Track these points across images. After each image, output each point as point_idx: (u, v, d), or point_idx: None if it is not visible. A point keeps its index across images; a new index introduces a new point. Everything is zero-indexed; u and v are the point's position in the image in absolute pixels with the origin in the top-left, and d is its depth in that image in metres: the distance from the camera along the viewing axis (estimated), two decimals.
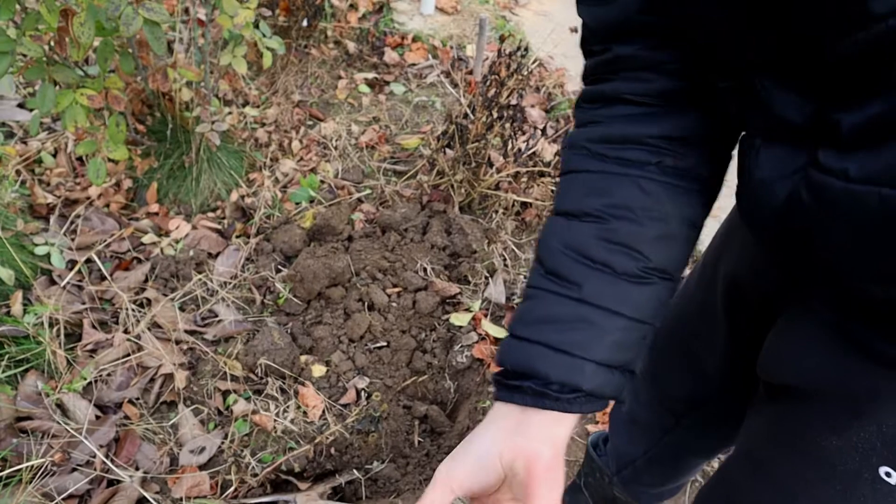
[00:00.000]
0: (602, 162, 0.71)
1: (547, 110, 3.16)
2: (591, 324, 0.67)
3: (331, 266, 2.12)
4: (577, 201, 0.72)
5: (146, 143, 2.45)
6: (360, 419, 1.89)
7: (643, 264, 0.69)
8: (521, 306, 0.74)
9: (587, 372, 0.67)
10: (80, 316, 2.03)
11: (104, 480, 1.72)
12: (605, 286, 0.68)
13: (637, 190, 0.70)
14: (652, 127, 0.70)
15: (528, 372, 0.67)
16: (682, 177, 0.71)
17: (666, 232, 0.70)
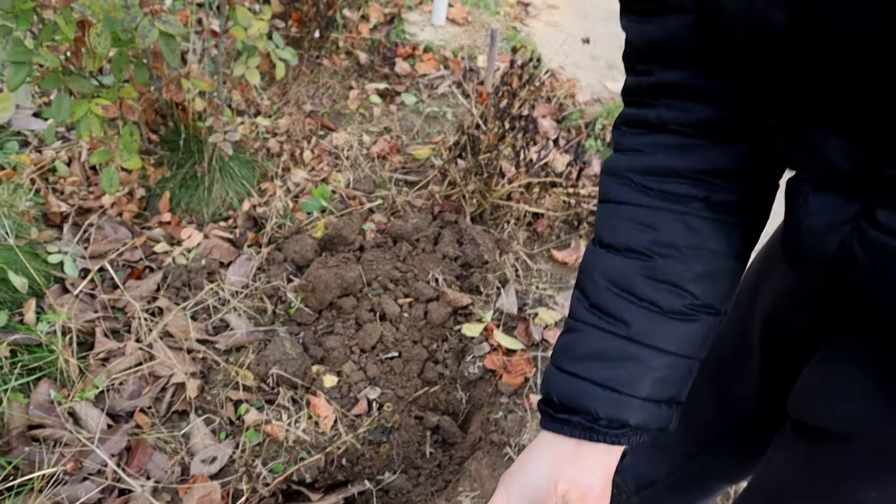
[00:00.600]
0: (646, 195, 0.70)
1: (558, 121, 3.16)
2: (639, 361, 0.68)
3: (342, 276, 2.12)
4: (620, 236, 0.71)
5: (159, 153, 2.46)
6: (372, 430, 1.89)
7: (689, 301, 0.69)
8: (565, 337, 0.74)
9: (634, 408, 0.68)
10: (93, 324, 2.03)
11: (115, 490, 1.72)
12: (652, 324, 0.68)
13: (682, 226, 0.69)
14: (697, 160, 0.68)
15: (577, 407, 0.69)
16: (729, 212, 0.70)
17: (712, 269, 0.70)
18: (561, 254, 2.42)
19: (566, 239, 2.50)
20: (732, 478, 1.26)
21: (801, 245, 0.65)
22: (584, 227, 2.52)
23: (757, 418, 1.05)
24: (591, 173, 2.78)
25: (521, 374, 2.02)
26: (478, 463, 1.83)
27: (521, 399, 1.97)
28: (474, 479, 1.80)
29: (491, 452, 1.86)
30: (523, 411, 1.94)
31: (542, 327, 2.13)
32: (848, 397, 0.71)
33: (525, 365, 2.04)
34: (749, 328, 0.99)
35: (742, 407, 1.06)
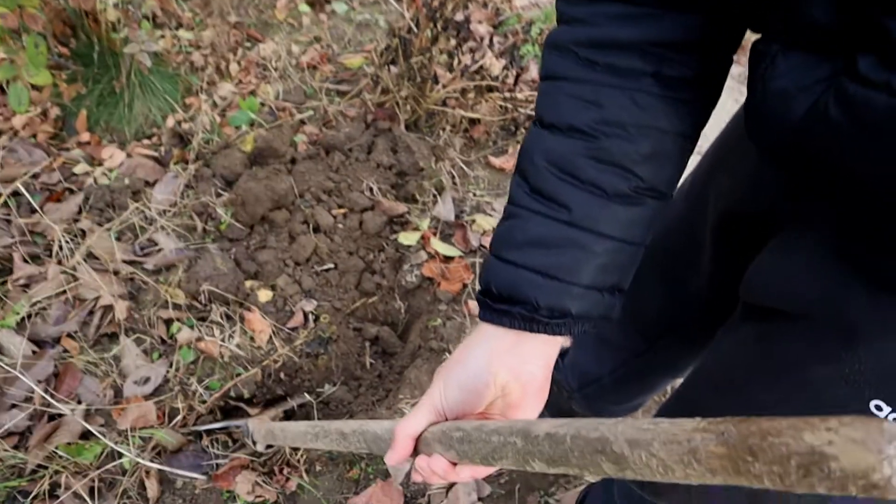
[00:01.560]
0: (591, 70, 0.65)
1: (495, 26, 3.06)
2: (581, 247, 0.65)
3: (273, 188, 2.04)
4: (563, 114, 0.66)
5: (72, 68, 2.31)
6: (309, 342, 1.86)
7: (635, 184, 0.65)
8: (504, 225, 0.70)
9: (575, 296, 0.65)
10: (10, 250, 1.93)
11: (45, 416, 1.67)
12: (595, 208, 0.65)
13: (631, 104, 0.64)
14: (648, 30, 0.63)
15: (516, 297, 0.66)
16: (681, 88, 0.65)
17: (660, 149, 0.66)
18: (498, 160, 2.37)
19: (503, 145, 2.45)
20: (677, 373, 1.26)
21: (766, 111, 0.61)
22: (522, 132, 2.47)
23: (706, 310, 1.03)
24: (529, 78, 2.71)
25: (460, 280, 2.00)
26: (417, 370, 1.82)
27: (459, 305, 1.96)
28: (415, 386, 1.79)
29: (430, 359, 1.85)
30: (462, 317, 1.93)
31: (479, 234, 2.11)
32: (804, 277, 0.69)
33: (463, 271, 2.02)
34: (701, 218, 0.96)
35: (692, 299, 1.05)
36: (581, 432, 0.51)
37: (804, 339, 0.70)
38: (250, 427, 1.61)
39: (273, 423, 1.49)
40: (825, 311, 0.67)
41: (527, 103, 2.48)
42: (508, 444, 0.59)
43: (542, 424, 0.56)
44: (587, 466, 0.50)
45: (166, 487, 1.61)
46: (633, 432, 0.45)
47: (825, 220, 0.68)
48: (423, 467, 0.70)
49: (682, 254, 1.03)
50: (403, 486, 1.63)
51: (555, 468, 0.55)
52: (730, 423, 0.37)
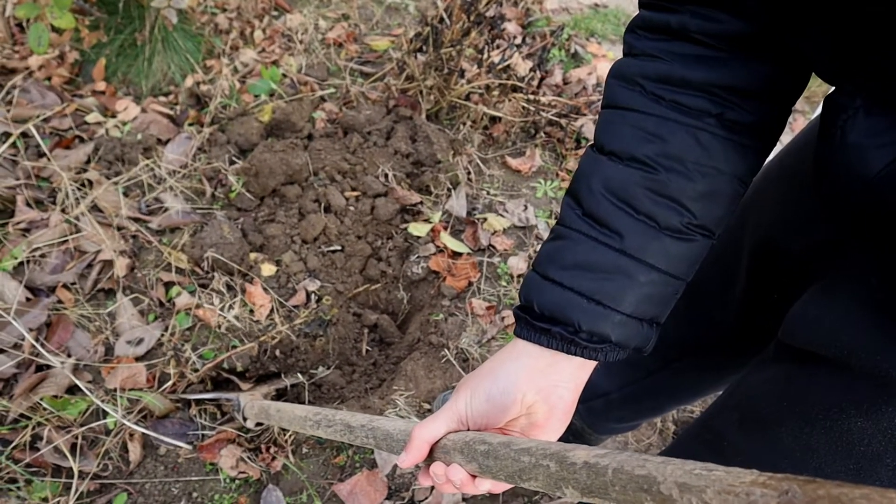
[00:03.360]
0: (657, 104, 0.65)
1: (524, 26, 3.04)
2: (628, 276, 0.65)
3: (288, 162, 2.01)
4: (626, 144, 0.66)
5: (95, 15, 2.26)
6: (309, 322, 1.83)
7: (688, 220, 0.65)
8: (553, 244, 0.70)
9: (617, 323, 0.66)
10: (13, 192, 1.89)
11: (33, 365, 1.64)
12: (647, 239, 0.65)
13: (693, 141, 0.64)
14: (718, 74, 0.63)
15: (559, 317, 0.66)
16: (742, 132, 0.65)
17: (716, 189, 0.66)
18: (515, 161, 2.35)
19: (522, 146, 2.43)
20: (685, 398, 1.24)
21: (840, 162, 0.60)
22: (541, 136, 2.45)
23: (729, 340, 1.02)
24: (553, 83, 2.69)
25: (466, 277, 1.98)
26: (414, 363, 1.80)
27: (463, 303, 1.94)
28: (410, 378, 1.77)
29: (428, 354, 1.83)
30: (464, 315, 1.91)
31: (489, 233, 2.08)
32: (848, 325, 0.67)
33: (470, 269, 1.99)
34: (734, 248, 0.95)
35: (715, 327, 1.03)
36: (625, 466, 0.49)
37: (843, 387, 0.68)
38: (241, 402, 1.58)
39: (267, 402, 1.46)
40: (869, 363, 0.65)
41: (549, 108, 2.46)
42: (540, 466, 0.58)
43: (579, 452, 0.55)
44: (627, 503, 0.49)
45: (149, 453, 1.58)
46: (684, 475, 0.43)
47: (875, 270, 0.66)
48: (440, 475, 0.69)
49: (711, 283, 1.01)
50: (388, 478, 1.61)
51: (589, 498, 0.53)
52: (794, 483, 0.35)
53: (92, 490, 1.50)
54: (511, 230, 2.13)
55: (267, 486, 1.56)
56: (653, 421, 1.83)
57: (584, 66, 2.81)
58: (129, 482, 1.53)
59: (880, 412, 0.64)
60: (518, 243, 2.10)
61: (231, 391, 1.70)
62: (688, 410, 1.87)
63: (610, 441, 1.78)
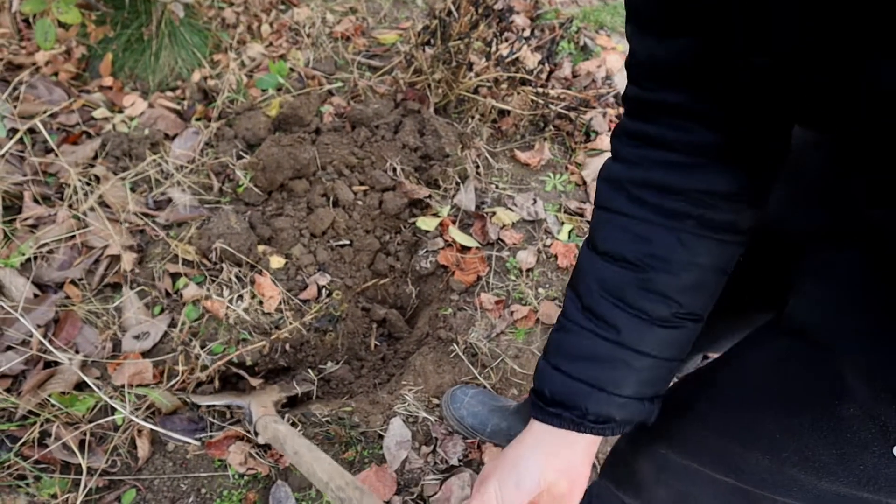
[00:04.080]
0: (642, 208, 0.71)
1: (533, 18, 3.01)
2: (626, 364, 0.73)
3: (296, 157, 2.00)
4: (616, 245, 0.73)
5: (102, 10, 2.25)
6: (320, 317, 1.82)
7: (676, 310, 0.72)
8: (559, 336, 0.79)
9: (620, 405, 0.74)
10: (21, 188, 1.89)
11: (41, 361, 1.63)
12: (640, 331, 0.73)
13: (675, 241, 0.71)
14: (695, 180, 0.69)
15: (568, 403, 0.75)
16: (722, 230, 0.71)
17: (700, 281, 0.73)
18: (524, 154, 2.33)
19: (530, 140, 2.41)
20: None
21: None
22: (550, 129, 2.43)
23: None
24: (562, 75, 2.67)
25: (474, 272, 1.96)
26: (423, 358, 1.79)
27: (471, 297, 1.92)
28: (418, 373, 1.76)
29: (437, 348, 1.82)
30: (473, 310, 1.89)
31: (498, 227, 2.07)
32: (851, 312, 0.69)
33: (479, 263, 1.98)
34: None
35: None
36: None
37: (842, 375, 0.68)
38: (253, 414, 1.56)
39: (283, 431, 1.45)
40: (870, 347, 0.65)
41: (558, 101, 2.44)
42: None
43: None
44: None
45: (157, 449, 1.58)
46: None
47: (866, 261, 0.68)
48: None
49: None
50: (397, 474, 1.60)
51: None
52: None
53: (101, 486, 1.50)
54: (520, 224, 2.11)
55: (276, 482, 1.55)
56: None
57: (593, 58, 2.78)
58: (137, 478, 1.53)
59: (877, 398, 0.64)
60: (527, 237, 2.08)
61: (241, 390, 1.69)
62: None
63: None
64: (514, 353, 1.82)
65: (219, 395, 1.69)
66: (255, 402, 1.60)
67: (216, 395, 1.69)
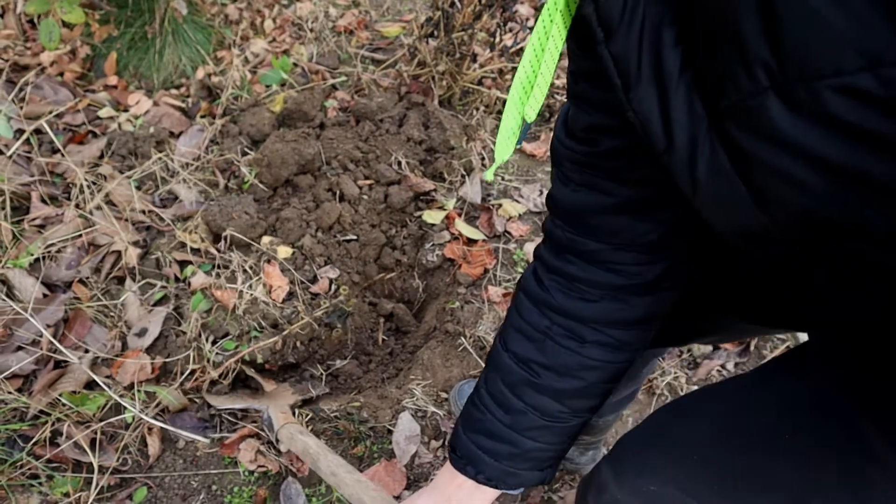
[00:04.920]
0: (548, 321, 0.84)
1: (537, 7, 2.99)
2: (516, 445, 0.89)
3: (301, 152, 2.00)
4: (519, 349, 0.87)
5: (105, 9, 2.26)
6: (330, 312, 1.82)
7: (562, 410, 0.86)
8: (469, 407, 0.95)
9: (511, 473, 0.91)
10: (28, 189, 1.90)
11: (51, 361, 1.64)
12: (530, 422, 0.87)
13: (571, 360, 0.83)
14: (600, 313, 0.81)
15: (471, 463, 0.92)
16: (616, 351, 0.83)
17: (586, 390, 0.85)
18: (530, 146, 2.32)
19: (536, 131, 2.40)
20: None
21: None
22: (555, 119, 2.41)
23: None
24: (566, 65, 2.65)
25: (481, 264, 1.96)
26: (431, 352, 1.79)
27: (479, 290, 1.92)
28: (426, 368, 1.76)
29: (445, 342, 1.82)
30: (481, 302, 1.89)
31: (505, 219, 2.06)
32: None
33: (485, 256, 1.97)
34: None
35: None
36: None
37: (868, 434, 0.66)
38: (273, 420, 1.53)
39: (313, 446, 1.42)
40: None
41: (563, 90, 2.42)
42: None
43: None
44: None
45: (168, 446, 1.59)
46: None
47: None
48: None
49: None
50: (407, 468, 1.60)
51: None
52: None
53: (112, 484, 1.51)
54: (527, 216, 2.11)
55: (286, 479, 1.55)
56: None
57: None
58: (148, 476, 1.54)
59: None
60: (534, 229, 2.07)
61: (253, 390, 1.68)
62: None
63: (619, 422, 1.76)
64: None
65: (234, 396, 1.68)
66: (273, 407, 1.58)
67: (231, 396, 1.68)
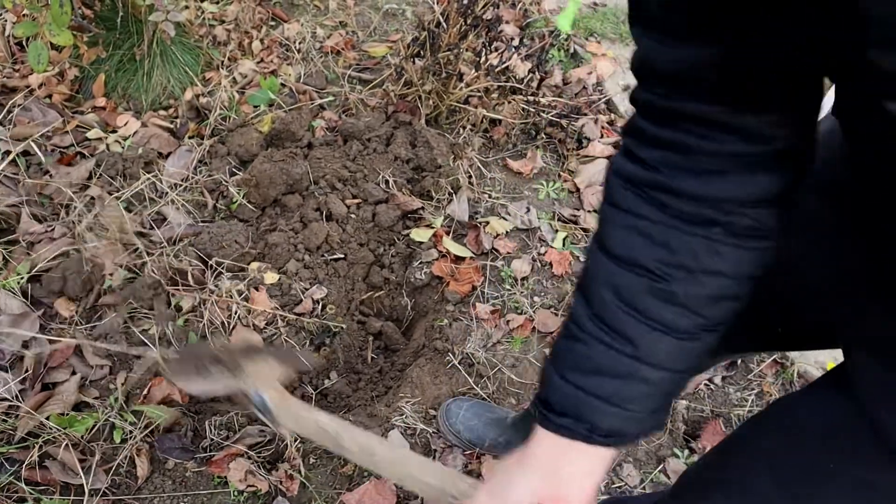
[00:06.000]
0: (660, 212, 0.65)
1: (522, 27, 3.03)
2: (643, 380, 0.67)
3: (288, 172, 2.01)
4: (630, 250, 0.66)
5: (94, 31, 2.27)
6: (318, 333, 1.82)
7: (699, 323, 0.66)
8: (568, 344, 0.71)
9: (634, 420, 0.69)
10: (16, 210, 1.90)
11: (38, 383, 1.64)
12: (658, 345, 0.66)
13: (698, 249, 0.64)
14: (720, 187, 0.62)
15: (579, 417, 0.69)
16: (747, 237, 0.64)
17: (725, 292, 0.66)
18: (516, 163, 2.34)
19: (522, 148, 2.42)
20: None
21: None
22: (542, 137, 2.44)
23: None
24: (552, 83, 2.68)
25: (469, 282, 1.97)
26: (420, 370, 1.79)
27: (467, 308, 1.93)
28: (416, 385, 1.77)
29: (434, 360, 1.82)
30: (469, 320, 1.90)
31: (492, 236, 2.08)
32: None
33: (473, 273, 1.99)
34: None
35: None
36: None
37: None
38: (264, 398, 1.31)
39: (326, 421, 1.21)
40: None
41: (549, 108, 2.45)
42: None
43: None
44: None
45: (156, 467, 1.58)
46: None
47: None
48: None
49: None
50: (397, 487, 1.60)
51: None
52: None
53: None
54: (514, 233, 2.12)
55: (276, 498, 1.55)
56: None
57: (583, 65, 2.80)
58: (137, 497, 1.53)
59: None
60: (521, 246, 2.09)
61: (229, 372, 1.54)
62: (697, 410, 1.85)
63: None
64: (510, 363, 1.83)
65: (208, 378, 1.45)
66: (262, 385, 1.34)
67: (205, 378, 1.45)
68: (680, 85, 0.60)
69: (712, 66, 0.56)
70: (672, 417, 1.82)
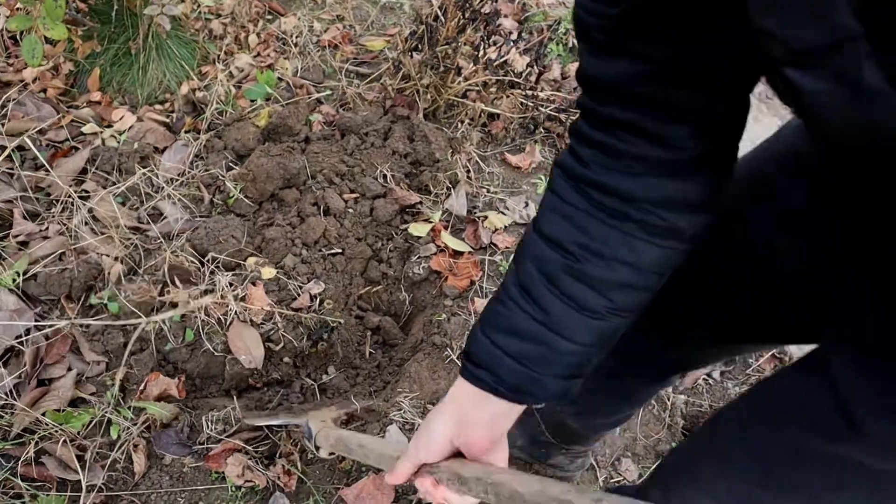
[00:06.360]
0: (586, 202, 0.74)
1: (520, 21, 3.01)
2: (549, 346, 0.77)
3: (285, 166, 2.00)
4: (556, 231, 0.76)
5: (88, 24, 2.25)
6: (317, 328, 1.81)
7: (605, 305, 0.75)
8: (494, 306, 0.82)
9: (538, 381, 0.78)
10: (11, 206, 1.89)
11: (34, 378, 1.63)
12: (567, 316, 0.76)
13: (613, 240, 0.73)
14: (640, 188, 0.71)
15: (491, 370, 0.79)
16: (662, 237, 0.74)
17: (633, 281, 0.75)
18: (515, 157, 2.33)
19: (521, 143, 2.41)
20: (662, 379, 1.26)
21: None
22: (540, 131, 2.44)
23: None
24: (551, 77, 2.67)
25: (468, 276, 1.96)
26: (418, 364, 1.79)
27: (465, 302, 1.92)
28: (414, 380, 1.76)
29: (432, 354, 1.82)
30: (467, 315, 1.89)
31: (491, 231, 2.07)
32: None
33: (472, 268, 1.98)
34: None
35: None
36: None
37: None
38: (312, 429, 1.44)
39: (346, 433, 1.34)
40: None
41: (548, 102, 2.44)
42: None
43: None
44: None
45: (154, 463, 1.57)
46: None
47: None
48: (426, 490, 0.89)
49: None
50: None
51: None
52: None
53: (98, 503, 1.50)
54: (512, 227, 2.12)
55: (274, 494, 1.54)
56: (662, 417, 1.81)
57: None
58: (134, 493, 1.52)
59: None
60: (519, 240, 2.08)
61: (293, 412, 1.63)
62: (696, 405, 1.85)
63: (619, 438, 1.76)
64: None
65: (273, 414, 1.62)
66: (313, 420, 1.48)
67: (271, 414, 1.62)
68: (612, 94, 0.69)
69: (640, 79, 0.65)
70: (671, 412, 1.82)
